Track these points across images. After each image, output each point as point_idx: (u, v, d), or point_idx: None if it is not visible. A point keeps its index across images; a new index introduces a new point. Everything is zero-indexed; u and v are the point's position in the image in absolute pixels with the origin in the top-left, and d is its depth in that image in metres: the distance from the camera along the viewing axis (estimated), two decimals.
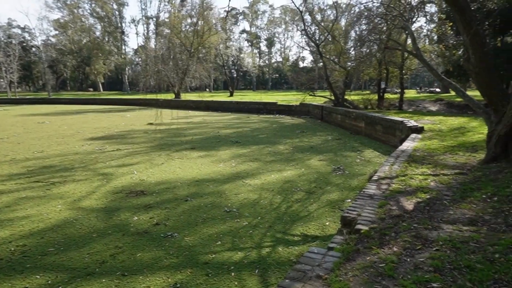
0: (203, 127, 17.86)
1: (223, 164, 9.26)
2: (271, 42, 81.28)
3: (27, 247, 4.67)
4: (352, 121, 15.42)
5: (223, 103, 30.42)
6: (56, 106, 38.25)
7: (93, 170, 8.86)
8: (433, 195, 4.28)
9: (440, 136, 8.90)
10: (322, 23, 23.83)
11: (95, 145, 12.46)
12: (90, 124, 19.47)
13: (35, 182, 7.80)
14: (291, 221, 5.36)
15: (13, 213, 5.94)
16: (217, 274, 3.91)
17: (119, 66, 74.09)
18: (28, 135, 15.30)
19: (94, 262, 4.25)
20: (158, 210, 5.93)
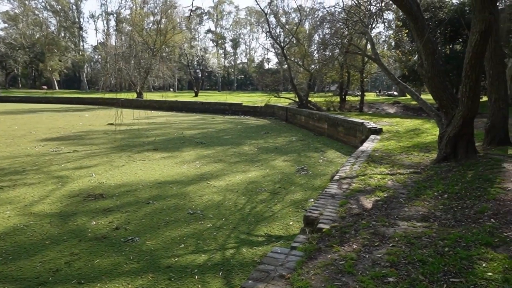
0: (167, 127, 17.48)
1: (187, 165, 9.12)
2: (236, 43, 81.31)
3: None
4: (316, 122, 15.80)
5: (188, 103, 29.96)
6: (5, 104, 35.69)
7: (47, 173, 8.37)
8: (390, 194, 4.49)
9: (397, 137, 9.35)
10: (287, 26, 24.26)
11: (49, 147, 11.77)
12: (44, 124, 18.38)
13: None
14: (255, 222, 5.39)
15: None
16: (180, 278, 3.83)
17: (76, 63, 70.54)
18: None
19: (47, 270, 4.01)
20: (118, 214, 5.72)
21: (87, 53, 74.22)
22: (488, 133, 6.69)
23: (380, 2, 11.69)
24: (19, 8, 66.17)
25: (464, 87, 5.33)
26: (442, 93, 5.97)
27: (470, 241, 2.89)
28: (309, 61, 21.93)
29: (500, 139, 6.52)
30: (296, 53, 23.81)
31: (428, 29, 5.94)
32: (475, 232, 3.06)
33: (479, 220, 3.36)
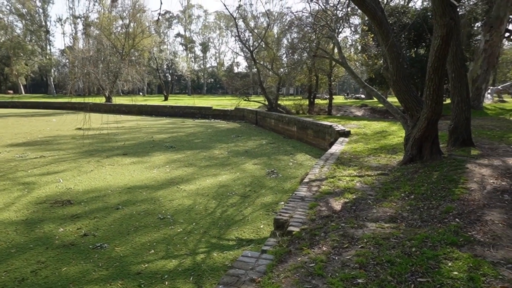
0: (136, 132, 17.09)
1: (157, 170, 8.97)
2: (206, 47, 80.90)
3: None
4: (285, 125, 16.00)
5: (157, 107, 29.43)
6: None
7: (12, 179, 7.99)
8: (358, 195, 4.58)
9: (365, 139, 9.61)
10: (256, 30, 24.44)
11: (15, 152, 11.22)
12: (10, 129, 17.48)
13: None
14: (226, 226, 5.39)
15: None
16: (150, 284, 3.78)
17: (43, 67, 67.61)
18: None
19: (12, 280, 3.87)
20: (86, 220, 5.55)
21: (54, 57, 71.26)
22: (451, 134, 6.89)
23: (346, 7, 12.03)
24: None
25: (428, 89, 5.48)
26: (407, 96, 6.17)
27: (436, 241, 2.95)
28: (278, 64, 22.19)
29: (463, 140, 6.73)
30: (265, 57, 24.06)
31: (392, 33, 6.14)
32: (441, 232, 3.14)
33: (445, 220, 3.45)
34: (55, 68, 71.42)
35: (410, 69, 15.77)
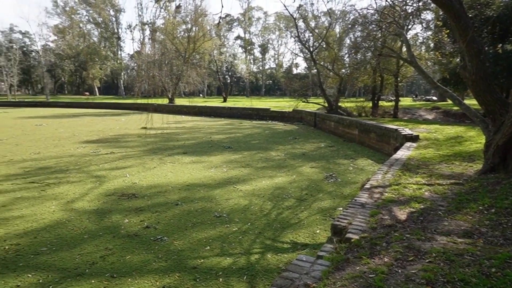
0: (196, 132, 17.78)
1: (214, 169, 9.21)
2: (265, 49, 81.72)
3: (20, 246, 4.68)
4: (346, 128, 15.48)
5: (216, 108, 30.39)
6: (53, 109, 38.03)
7: (87, 172, 8.79)
8: (427, 205, 4.19)
9: (436, 145, 8.82)
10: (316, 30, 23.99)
11: (89, 148, 12.35)
12: (86, 127, 19.32)
13: (31, 183, 7.79)
14: (281, 228, 5.32)
15: (8, 212, 5.95)
16: (205, 279, 3.85)
17: (115, 71, 73.95)
18: (26, 137, 15.16)
19: (84, 263, 4.23)
20: (148, 214, 5.87)
21: (124, 61, 77.50)
22: None
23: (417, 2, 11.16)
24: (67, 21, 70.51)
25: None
26: (489, 97, 5.45)
27: None
28: (339, 65, 21.53)
29: None
30: (326, 57, 23.49)
31: (472, 28, 5.53)
32: None
33: None
34: (125, 71, 77.46)
35: (494, 67, 14.12)
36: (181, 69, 39.01)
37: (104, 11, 70.51)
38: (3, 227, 5.30)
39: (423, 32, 20.23)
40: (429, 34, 19.52)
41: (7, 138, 14.86)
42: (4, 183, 7.77)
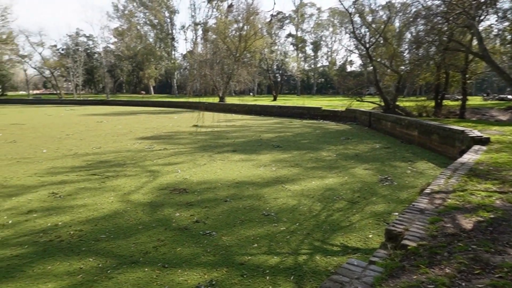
0: (245, 130, 17.99)
1: (263, 168, 9.22)
2: (317, 46, 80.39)
3: (83, 232, 5.07)
4: (404, 129, 14.65)
5: (266, 107, 30.50)
6: (113, 107, 40.90)
7: (142, 167, 9.28)
8: (498, 215, 3.75)
9: (511, 149, 7.91)
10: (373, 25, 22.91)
11: (144, 144, 13.05)
12: (142, 125, 20.47)
13: (93, 175, 8.41)
14: (330, 230, 5.17)
15: (73, 201, 6.48)
16: (252, 276, 3.86)
17: (168, 70, 77.60)
18: (89, 133, 16.48)
19: (138, 251, 4.46)
20: (198, 208, 6.03)
21: (177, 61, 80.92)
22: None
23: None
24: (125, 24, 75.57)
25: None
26: None
27: None
28: (398, 61, 20.37)
29: None
30: (383, 54, 22.37)
31: None
32: None
33: None
34: (178, 71, 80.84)
35: None
36: (232, 68, 39.77)
37: (159, 13, 74.25)
38: (69, 214, 5.78)
39: (498, 23, 18.15)
40: (505, 26, 17.55)
41: (73, 133, 16.24)
42: (70, 174, 8.48)
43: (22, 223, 5.42)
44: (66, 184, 7.56)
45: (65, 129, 18.06)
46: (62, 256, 4.32)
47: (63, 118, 25.94)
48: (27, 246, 4.62)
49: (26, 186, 7.43)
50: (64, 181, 7.85)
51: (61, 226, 5.27)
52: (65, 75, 69.94)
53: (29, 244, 4.68)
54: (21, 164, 9.57)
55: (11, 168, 9.08)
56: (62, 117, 26.94)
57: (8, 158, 10.47)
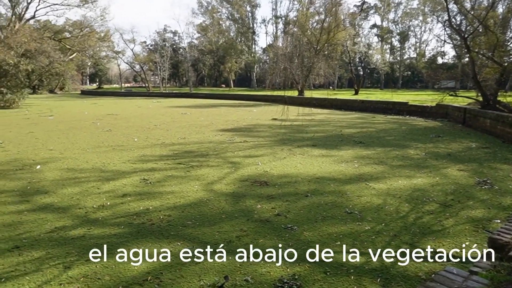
0: (325, 125, 17.66)
1: (345, 164, 8.97)
2: (404, 37, 74.81)
3: (171, 218, 5.47)
4: (507, 127, 12.89)
5: (347, 101, 29.46)
6: (195, 99, 43.58)
7: (224, 158, 9.74)
8: None
9: None
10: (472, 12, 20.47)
11: (225, 136, 13.67)
12: (222, 117, 21.46)
13: (178, 164, 9.06)
14: (420, 234, 4.83)
15: (162, 187, 7.05)
16: (335, 274, 3.81)
17: (248, 64, 79.72)
18: (174, 124, 17.85)
19: (222, 240, 4.68)
20: (279, 202, 6.13)
21: (257, 54, 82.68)
22: None
23: None
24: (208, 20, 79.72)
25: None
26: None
27: None
28: (501, 52, 17.91)
29: None
30: (483, 43, 19.87)
31: None
32: None
33: None
34: (257, 64, 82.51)
35: None
36: (312, 61, 39.20)
37: (242, 7, 76.50)
38: (159, 199, 6.28)
39: None
40: None
41: (160, 124, 17.71)
42: (158, 162, 9.24)
43: (119, 205, 6.01)
44: (155, 172, 8.22)
45: (153, 120, 19.79)
46: (154, 238, 4.69)
47: (151, 109, 28.45)
48: (123, 226, 5.11)
49: (121, 172, 8.26)
50: (153, 168, 8.57)
51: (152, 210, 5.74)
52: (153, 69, 76.55)
53: (124, 225, 5.17)
54: (116, 151, 10.74)
55: (108, 155, 10.22)
56: (150, 108, 29.56)
57: (105, 145, 11.85)
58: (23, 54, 29.85)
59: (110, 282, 3.70)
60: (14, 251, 4.39)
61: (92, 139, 13.05)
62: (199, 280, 3.74)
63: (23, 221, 5.34)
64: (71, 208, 5.91)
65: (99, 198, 6.39)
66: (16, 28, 35.93)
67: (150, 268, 3.98)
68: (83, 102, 42.04)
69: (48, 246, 4.51)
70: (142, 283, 3.69)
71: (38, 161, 9.44)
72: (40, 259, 4.18)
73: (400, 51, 76.77)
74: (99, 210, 5.80)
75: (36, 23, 60.78)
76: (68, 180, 7.58)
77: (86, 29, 59.53)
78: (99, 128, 16.55)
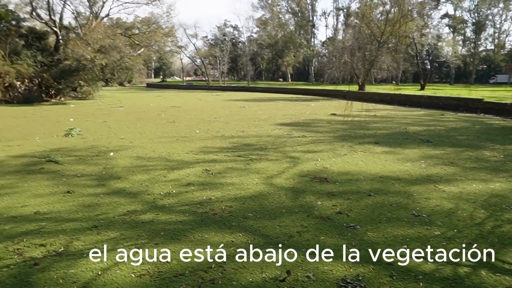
0: (388, 121, 16.81)
1: (410, 163, 8.46)
2: (481, 27, 68.11)
3: (232, 209, 5.59)
4: None
5: (412, 97, 27.77)
6: (253, 93, 44.16)
7: (283, 152, 9.74)
8: None
9: None
10: None
11: (283, 130, 13.65)
12: (280, 111, 21.47)
13: (238, 156, 9.26)
14: (499, 244, 4.39)
15: (223, 179, 7.24)
16: (402, 279, 3.61)
17: (307, 58, 78.64)
18: (233, 117, 18.26)
19: (283, 234, 4.67)
20: (340, 199, 5.97)
21: (316, 48, 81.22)
22: None
23: None
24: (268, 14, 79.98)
25: None
26: None
27: None
28: None
29: None
30: None
31: None
32: None
33: None
34: (316, 58, 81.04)
35: None
36: (375, 54, 37.42)
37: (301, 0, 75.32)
38: (220, 190, 6.44)
39: None
40: None
41: (219, 117, 18.22)
42: (219, 154, 9.50)
43: (183, 193, 6.30)
44: (216, 163, 8.47)
45: (212, 113, 20.42)
46: (216, 228, 4.82)
47: (210, 102, 29.38)
48: (188, 214, 5.33)
49: (184, 162, 8.64)
50: (214, 160, 8.84)
51: (214, 201, 5.91)
52: (213, 63, 78.97)
53: (189, 212, 5.39)
54: (180, 142, 11.25)
55: (172, 145, 10.75)
56: (210, 101, 30.53)
57: (169, 136, 12.48)
58: (98, 49, 32.48)
59: (178, 266, 3.90)
60: (93, 230, 4.82)
61: (158, 130, 13.85)
62: (261, 272, 3.79)
63: (100, 203, 5.84)
64: (140, 193, 6.33)
65: (165, 185, 6.75)
66: (93, 26, 39.17)
67: (213, 256, 4.11)
68: (149, 94, 44.79)
69: (122, 227, 4.88)
70: (206, 270, 3.83)
71: (111, 148, 10.26)
72: (115, 239, 4.54)
73: (475, 43, 70.09)
74: (166, 197, 6.13)
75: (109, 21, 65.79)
76: (137, 168, 8.13)
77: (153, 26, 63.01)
78: (164, 119, 17.51)
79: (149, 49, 68.51)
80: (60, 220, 5.14)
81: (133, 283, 3.61)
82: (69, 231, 4.77)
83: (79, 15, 54.64)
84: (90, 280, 3.67)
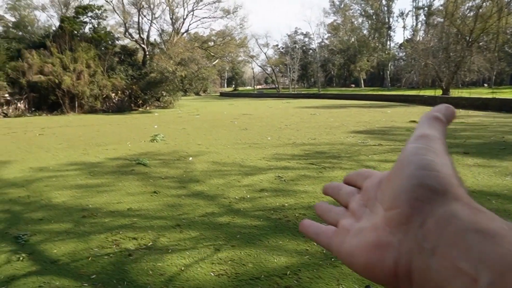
0: (480, 129, 15.10)
1: (510, 177, 7.45)
2: None
3: (306, 217, 5.46)
4: None
5: (510, 101, 24.57)
6: (323, 100, 43.38)
7: (357, 161, 9.35)
8: None
9: None
10: None
11: (357, 138, 13.11)
12: (353, 118, 20.71)
13: (310, 164, 9.12)
14: None
15: (296, 186, 7.18)
16: None
17: (381, 62, 74.89)
18: (303, 124, 18.13)
19: None
20: None
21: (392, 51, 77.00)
22: None
23: None
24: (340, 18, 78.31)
25: None
26: None
27: None
28: None
29: None
30: None
31: None
32: None
33: None
34: (392, 62, 76.72)
35: None
36: (462, 55, 34.10)
37: (376, 2, 72.22)
38: (293, 197, 6.38)
39: None
40: None
41: (290, 124, 18.16)
42: (291, 161, 9.43)
43: (257, 199, 6.37)
44: (288, 170, 8.42)
45: (283, 120, 20.47)
46: (290, 235, 4.78)
47: (281, 110, 29.51)
48: (262, 219, 5.37)
49: (257, 168, 8.76)
50: (286, 166, 8.80)
51: (287, 208, 5.87)
52: (283, 71, 79.59)
53: (263, 218, 5.43)
54: (252, 148, 11.45)
55: (245, 151, 10.98)
56: (280, 109, 30.69)
57: (243, 142, 12.79)
58: (179, 62, 35.06)
59: (253, 270, 3.96)
60: (176, 228, 5.15)
61: (231, 136, 14.36)
62: (337, 284, 3.66)
63: (181, 204, 6.24)
64: (217, 197, 6.60)
65: (240, 190, 6.94)
66: (175, 41, 42.45)
67: (289, 264, 4.09)
68: (222, 103, 46.84)
69: (201, 228, 5.14)
70: (282, 276, 3.82)
71: (190, 153, 10.91)
72: (195, 238, 4.79)
73: None
74: (241, 201, 6.30)
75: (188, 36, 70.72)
76: (214, 172, 8.51)
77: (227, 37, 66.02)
78: (236, 126, 18.11)
79: (223, 59, 71.96)
80: (148, 217, 5.62)
81: (212, 282, 3.76)
82: (156, 228, 5.17)
83: (163, 32, 59.73)
84: (175, 274, 3.92)
